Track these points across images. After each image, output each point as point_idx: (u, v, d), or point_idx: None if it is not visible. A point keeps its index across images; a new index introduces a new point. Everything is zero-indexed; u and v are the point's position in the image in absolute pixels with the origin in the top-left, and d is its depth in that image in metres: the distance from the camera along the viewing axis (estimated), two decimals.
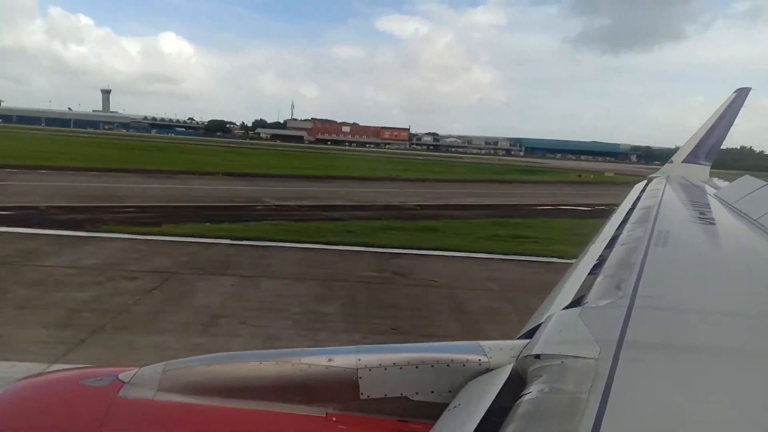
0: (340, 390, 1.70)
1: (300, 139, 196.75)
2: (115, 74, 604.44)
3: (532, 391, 1.37)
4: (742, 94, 8.81)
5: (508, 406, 1.38)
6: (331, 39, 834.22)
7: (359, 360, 1.74)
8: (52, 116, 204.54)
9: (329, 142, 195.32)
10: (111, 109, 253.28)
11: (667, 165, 9.40)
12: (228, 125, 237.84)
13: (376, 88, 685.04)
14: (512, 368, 1.67)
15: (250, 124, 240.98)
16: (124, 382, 1.71)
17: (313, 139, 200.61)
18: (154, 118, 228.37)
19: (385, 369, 1.72)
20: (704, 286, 2.41)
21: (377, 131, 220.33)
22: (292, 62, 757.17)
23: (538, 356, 1.57)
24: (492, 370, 1.72)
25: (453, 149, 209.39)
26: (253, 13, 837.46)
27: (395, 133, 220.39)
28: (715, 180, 8.35)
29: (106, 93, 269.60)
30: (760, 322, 1.98)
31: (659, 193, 5.82)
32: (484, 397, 1.52)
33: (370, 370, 1.71)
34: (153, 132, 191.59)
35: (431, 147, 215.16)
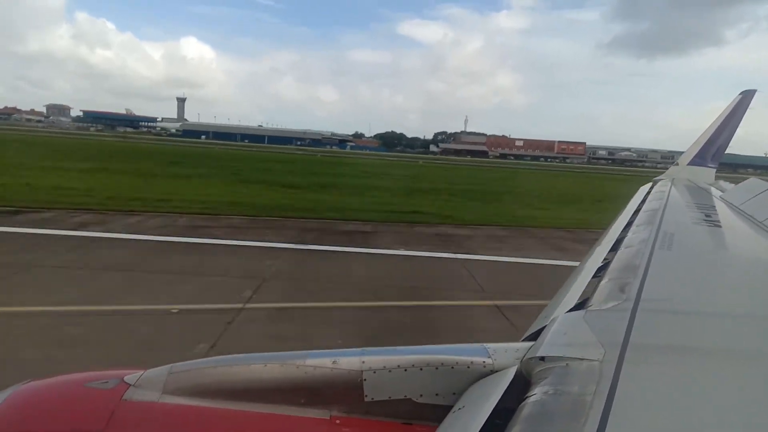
0: (344, 392, 1.69)
1: (484, 154, 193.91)
2: (139, 79, 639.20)
3: (537, 393, 1.37)
4: (747, 96, 8.55)
5: (512, 408, 1.37)
6: (353, 44, 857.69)
7: (363, 362, 1.73)
8: (247, 132, 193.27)
9: (512, 157, 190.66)
10: (184, 117, 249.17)
11: (672, 168, 9.05)
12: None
13: (395, 92, 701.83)
14: (516, 370, 1.66)
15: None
16: (130, 385, 1.72)
17: (497, 154, 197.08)
18: (334, 134, 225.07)
19: (390, 371, 1.71)
20: (709, 288, 2.38)
21: (551, 145, 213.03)
22: (317, 67, 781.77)
23: (542, 358, 1.56)
24: (496, 372, 1.71)
25: (629, 163, 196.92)
26: (272, 18, 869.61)
27: (571, 147, 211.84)
28: (721, 182, 8.03)
29: (181, 101, 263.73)
30: (766, 324, 1.96)
31: (664, 195, 5.62)
32: (489, 399, 1.52)
33: (374, 372, 1.71)
34: (348, 148, 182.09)
35: (609, 161, 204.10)
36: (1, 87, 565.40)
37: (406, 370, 1.71)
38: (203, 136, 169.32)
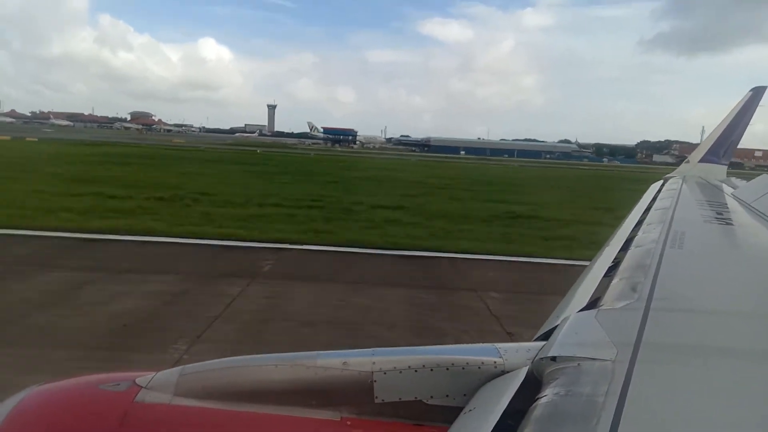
0: (354, 394, 1.71)
1: (737, 165, 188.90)
2: (160, 81, 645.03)
3: (548, 394, 1.37)
4: (758, 93, 8.59)
5: (523, 408, 1.37)
6: (369, 44, 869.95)
7: (374, 363, 1.75)
8: (497, 147, 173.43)
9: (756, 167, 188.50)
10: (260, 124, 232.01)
11: (683, 165, 9.24)
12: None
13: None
14: (528, 370, 1.66)
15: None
16: (142, 387, 1.74)
17: (752, 165, 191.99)
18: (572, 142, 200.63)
19: (400, 372, 1.73)
20: (722, 287, 2.38)
21: None
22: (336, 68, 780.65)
23: (554, 358, 1.56)
24: (507, 372, 1.72)
25: None
26: (287, 18, 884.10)
27: None
28: (733, 179, 8.19)
29: (272, 108, 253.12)
30: None
31: (676, 193, 5.73)
32: (500, 400, 1.52)
33: (384, 373, 1.72)
34: (606, 161, 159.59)
35: None
36: (21, 90, 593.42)
37: (416, 371, 1.72)
38: (463, 152, 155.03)
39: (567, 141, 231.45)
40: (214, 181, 30.13)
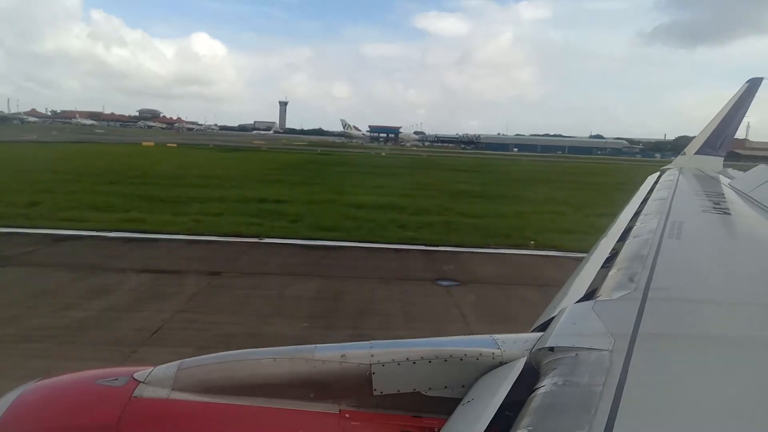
0: (353, 386, 1.72)
1: None
2: (153, 77, 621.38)
3: (546, 384, 1.37)
4: (754, 84, 8.56)
5: (522, 399, 1.37)
6: (364, 38, 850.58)
7: (372, 356, 1.75)
8: (548, 143, 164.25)
9: None
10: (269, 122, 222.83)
11: (680, 157, 9.27)
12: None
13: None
14: (526, 361, 1.67)
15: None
16: (140, 382, 1.74)
17: None
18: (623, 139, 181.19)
19: (398, 364, 1.73)
20: (718, 277, 2.40)
21: None
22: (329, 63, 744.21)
23: (551, 349, 1.57)
24: (505, 363, 1.72)
25: None
26: (281, 12, 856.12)
27: None
28: (729, 170, 8.25)
29: (283, 105, 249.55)
30: None
31: (672, 184, 5.75)
32: (498, 391, 1.52)
33: (383, 365, 1.72)
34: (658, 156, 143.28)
35: None
36: (9, 87, 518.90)
37: (414, 362, 1.73)
38: (515, 149, 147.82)
39: (599, 136, 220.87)
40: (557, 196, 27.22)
